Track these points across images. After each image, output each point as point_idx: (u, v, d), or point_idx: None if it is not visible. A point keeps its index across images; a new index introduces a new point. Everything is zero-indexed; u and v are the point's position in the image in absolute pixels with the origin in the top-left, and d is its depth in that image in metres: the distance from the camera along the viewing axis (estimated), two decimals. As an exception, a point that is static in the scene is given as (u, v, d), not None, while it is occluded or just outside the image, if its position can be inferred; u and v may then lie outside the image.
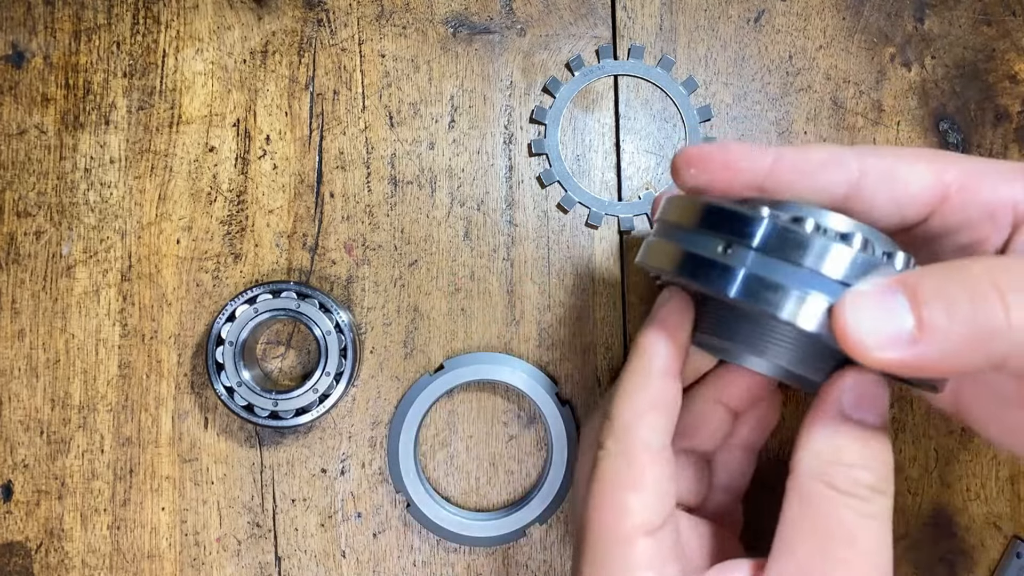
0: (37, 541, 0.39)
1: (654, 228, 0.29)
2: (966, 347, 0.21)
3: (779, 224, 0.24)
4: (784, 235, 0.24)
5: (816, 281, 0.23)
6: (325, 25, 0.41)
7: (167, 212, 0.41)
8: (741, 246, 0.24)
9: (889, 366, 0.22)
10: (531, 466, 0.40)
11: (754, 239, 0.24)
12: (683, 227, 0.26)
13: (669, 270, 0.26)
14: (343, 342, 0.38)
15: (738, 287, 0.24)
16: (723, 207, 0.25)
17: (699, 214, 0.26)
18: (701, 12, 0.42)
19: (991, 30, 0.42)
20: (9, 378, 0.40)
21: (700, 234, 0.25)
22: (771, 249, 0.24)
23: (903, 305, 0.21)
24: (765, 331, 0.26)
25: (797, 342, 0.26)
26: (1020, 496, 0.40)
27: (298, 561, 0.39)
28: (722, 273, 0.24)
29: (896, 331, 0.21)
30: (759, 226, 0.24)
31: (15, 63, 0.41)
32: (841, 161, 0.26)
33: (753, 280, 0.24)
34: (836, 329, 0.22)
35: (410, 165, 0.41)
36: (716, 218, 0.25)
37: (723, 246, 0.24)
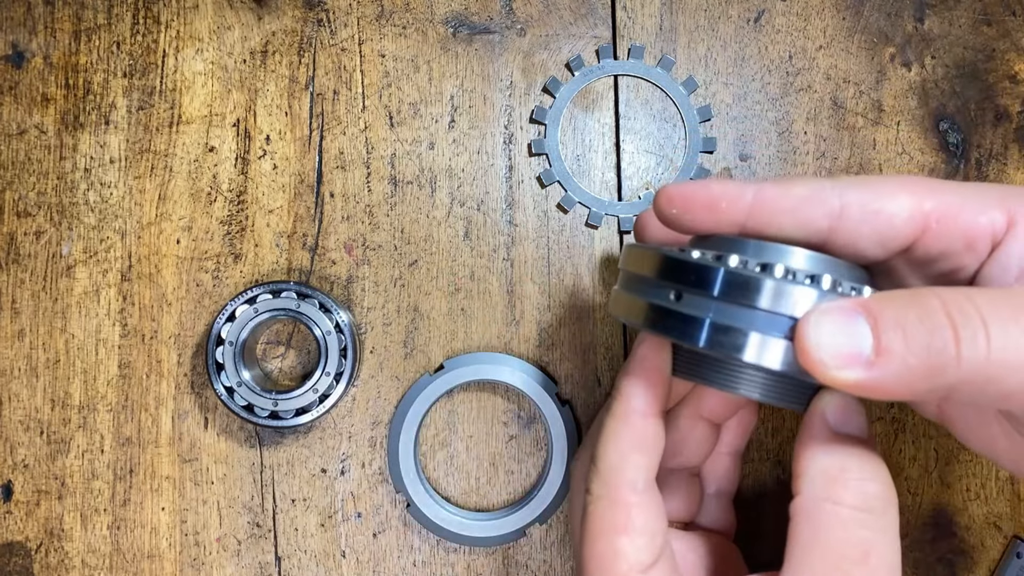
0: (37, 541, 0.39)
1: (619, 277, 0.30)
2: (918, 376, 0.22)
3: (739, 272, 0.24)
4: (745, 282, 0.24)
5: (779, 322, 0.24)
6: (325, 25, 0.41)
7: (167, 212, 0.41)
8: (703, 296, 0.25)
9: (846, 386, 0.22)
10: (531, 466, 0.40)
11: (714, 288, 0.25)
12: (645, 279, 0.27)
13: (638, 323, 0.27)
14: (343, 342, 0.38)
15: (705, 337, 0.25)
16: (681, 259, 0.26)
17: (659, 266, 0.27)
18: (701, 12, 0.42)
19: (991, 30, 0.42)
20: (9, 378, 0.40)
21: (662, 287, 0.26)
22: (733, 297, 0.24)
23: (864, 328, 0.22)
24: (738, 372, 0.27)
25: (769, 379, 0.27)
26: (1020, 496, 0.40)
27: (298, 561, 0.39)
28: (688, 325, 0.25)
29: (856, 352, 0.22)
30: (717, 275, 0.24)
31: (15, 63, 0.41)
32: (821, 197, 0.26)
33: (718, 329, 0.24)
34: (797, 347, 0.23)
35: (410, 165, 0.41)
36: (676, 270, 0.26)
37: (687, 298, 0.25)
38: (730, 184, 0.27)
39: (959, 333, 0.21)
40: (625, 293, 0.28)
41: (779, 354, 0.24)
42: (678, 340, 0.25)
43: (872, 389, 0.22)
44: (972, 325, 0.21)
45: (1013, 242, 0.25)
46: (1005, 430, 0.28)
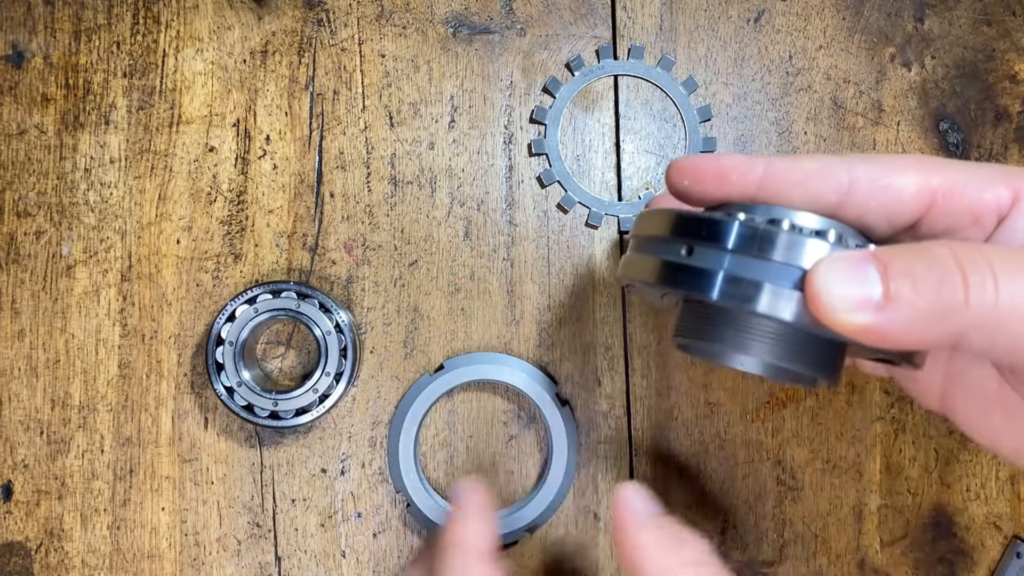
0: (37, 541, 0.39)
1: (629, 244, 0.30)
2: (928, 320, 0.22)
3: (752, 225, 0.25)
4: (758, 234, 0.24)
5: (791, 273, 0.24)
6: (325, 25, 0.41)
7: (167, 212, 0.41)
8: (717, 249, 0.25)
9: (854, 331, 0.22)
10: (531, 466, 0.40)
11: (728, 241, 0.25)
12: (659, 238, 0.27)
13: (649, 280, 0.27)
14: (343, 342, 0.38)
15: (719, 289, 0.25)
16: (696, 215, 0.26)
17: (673, 224, 0.27)
18: (701, 12, 0.42)
19: (991, 30, 0.42)
20: (9, 378, 0.40)
21: (676, 242, 0.26)
22: (746, 249, 0.25)
23: (873, 275, 0.22)
24: (748, 328, 0.27)
25: (780, 335, 0.27)
26: (1020, 496, 0.40)
27: (298, 561, 0.39)
28: (700, 277, 0.25)
29: (864, 297, 0.22)
30: (732, 228, 0.25)
31: (15, 63, 0.41)
32: (831, 171, 0.26)
33: (731, 280, 0.25)
34: (808, 293, 0.23)
35: (410, 165, 0.41)
36: (690, 226, 0.26)
37: (699, 251, 0.25)
38: (741, 157, 0.27)
39: (968, 279, 0.22)
40: (636, 255, 0.28)
41: (791, 305, 0.24)
42: (691, 292, 0.25)
43: (880, 334, 0.22)
44: (981, 272, 0.22)
45: (1018, 217, 0.25)
46: (1008, 415, 0.28)
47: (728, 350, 0.28)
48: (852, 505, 0.40)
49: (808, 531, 0.40)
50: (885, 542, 0.40)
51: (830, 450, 0.40)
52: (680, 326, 0.29)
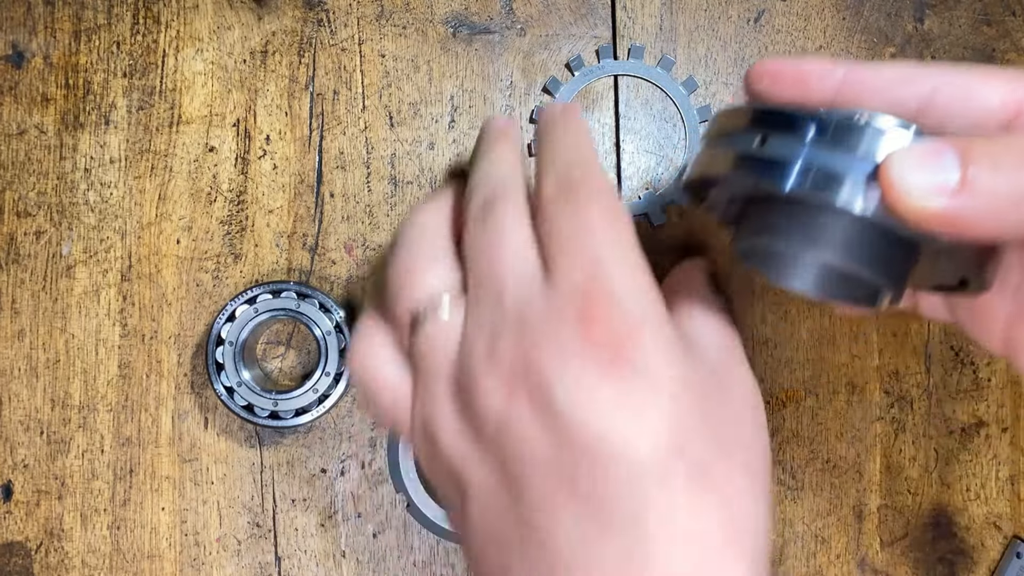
0: (37, 541, 0.39)
1: (701, 145, 0.29)
2: (1005, 205, 0.22)
3: (830, 117, 0.24)
4: (836, 126, 0.24)
5: (868, 166, 0.23)
6: (325, 25, 0.41)
7: (167, 212, 0.41)
8: (793, 140, 0.24)
9: (929, 217, 0.22)
10: (531, 466, 0.40)
11: (805, 132, 0.24)
12: (735, 131, 0.27)
13: (722, 172, 0.26)
14: (343, 342, 0.38)
15: (793, 179, 0.24)
16: (775, 108, 0.25)
17: (751, 117, 0.26)
18: (701, 12, 0.42)
19: (991, 30, 0.42)
20: (9, 378, 0.40)
21: (752, 134, 0.26)
22: (822, 141, 0.24)
23: (951, 162, 0.22)
24: (817, 225, 0.26)
25: (850, 232, 0.26)
26: (1020, 496, 0.40)
27: (298, 561, 0.39)
28: (774, 166, 0.24)
29: (941, 183, 0.22)
30: (809, 120, 0.24)
31: (15, 63, 0.41)
32: (913, 78, 0.26)
33: (805, 170, 0.24)
34: (882, 181, 0.23)
35: (410, 165, 0.41)
36: (766, 117, 0.25)
37: (774, 141, 0.25)
38: (821, 61, 0.27)
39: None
40: (708, 151, 0.28)
41: (865, 197, 0.23)
42: (763, 182, 0.25)
43: (956, 219, 0.22)
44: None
45: None
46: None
47: (793, 251, 0.27)
48: (852, 505, 0.40)
49: (808, 531, 0.40)
50: (885, 542, 0.40)
51: (830, 450, 0.40)
52: (743, 230, 0.28)
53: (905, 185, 0.22)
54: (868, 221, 0.24)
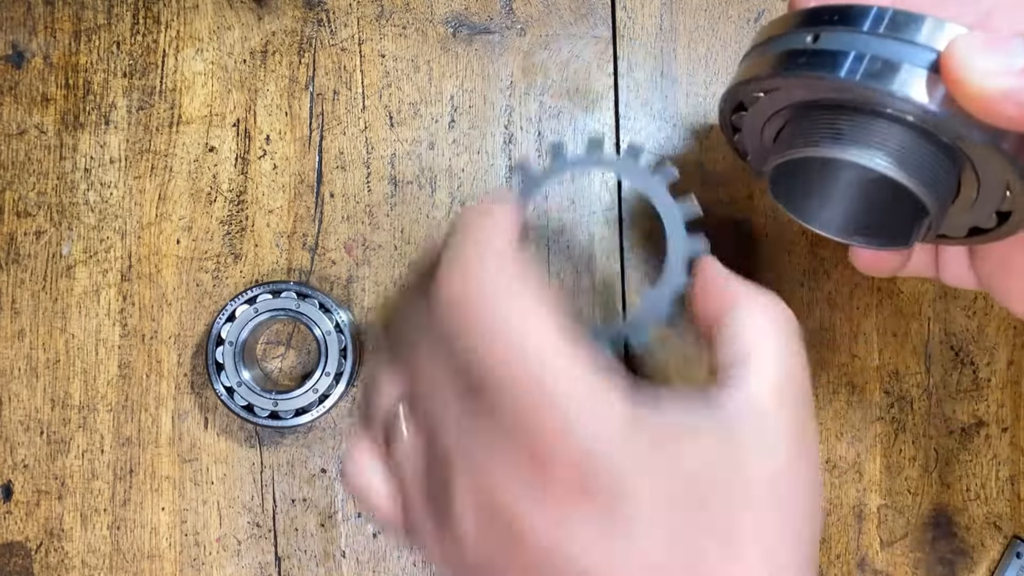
0: (37, 541, 0.39)
1: (747, 54, 0.28)
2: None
3: (886, 8, 0.23)
4: (896, 17, 0.23)
5: (927, 55, 0.23)
6: (325, 25, 0.41)
7: (167, 212, 0.41)
8: (850, 32, 0.23)
9: (995, 95, 0.21)
10: (531, 466, 0.40)
11: (864, 24, 0.23)
12: (780, 34, 0.26)
13: (771, 71, 0.25)
14: (343, 342, 0.38)
15: (848, 66, 0.23)
16: (826, 6, 0.25)
17: (801, 18, 0.25)
18: (701, 12, 0.42)
19: (991, 30, 0.42)
20: (9, 378, 0.40)
21: (803, 32, 0.25)
22: (881, 32, 0.23)
23: (1019, 47, 0.22)
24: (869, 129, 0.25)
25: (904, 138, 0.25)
26: (1020, 496, 0.40)
27: (298, 561, 0.39)
28: (827, 57, 0.23)
29: (1007, 65, 0.21)
30: (867, 12, 0.23)
31: (15, 63, 0.41)
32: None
33: (863, 57, 0.23)
34: (944, 65, 0.22)
35: (410, 165, 0.41)
36: (820, 15, 0.25)
37: (827, 36, 0.24)
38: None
39: None
40: (755, 56, 0.26)
41: (926, 86, 0.22)
42: (817, 73, 0.24)
43: (1019, 98, 0.21)
44: None
45: None
46: None
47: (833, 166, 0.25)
48: (852, 505, 0.40)
49: (808, 531, 0.40)
50: (885, 542, 0.40)
51: (830, 450, 0.40)
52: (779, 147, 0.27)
53: (971, 64, 0.21)
54: (922, 122, 0.23)
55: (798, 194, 0.30)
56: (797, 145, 0.26)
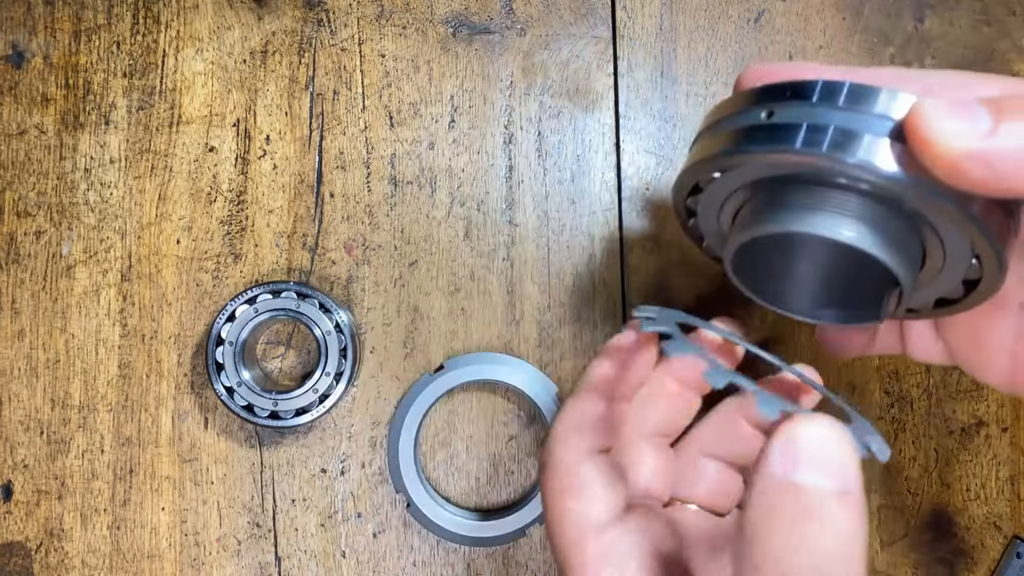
0: (37, 541, 0.39)
1: (698, 137, 0.28)
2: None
3: (838, 81, 0.23)
4: (849, 88, 0.23)
5: (884, 124, 0.22)
6: (325, 25, 0.41)
7: (167, 212, 0.41)
8: (803, 105, 0.23)
9: (960, 156, 0.21)
10: (531, 466, 0.40)
11: (817, 95, 0.23)
12: (731, 114, 0.25)
13: (728, 149, 0.25)
14: (343, 342, 0.38)
15: (802, 137, 0.23)
16: (777, 83, 0.24)
17: (751, 95, 0.25)
18: (701, 12, 0.42)
19: (991, 30, 0.42)
20: (9, 378, 0.40)
21: (752, 111, 0.24)
22: (838, 102, 0.23)
23: (982, 113, 0.22)
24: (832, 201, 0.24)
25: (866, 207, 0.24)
26: (1020, 496, 0.40)
27: (298, 561, 0.39)
28: (781, 131, 0.23)
29: (971, 128, 0.21)
30: (815, 85, 0.23)
31: (15, 63, 0.41)
32: (910, 77, 0.26)
33: (815, 128, 0.23)
34: (908, 126, 0.22)
35: (410, 165, 0.41)
36: (768, 92, 0.24)
37: (781, 111, 0.24)
38: (818, 65, 0.27)
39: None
40: (707, 136, 0.26)
41: (886, 152, 0.22)
42: (777, 146, 0.23)
43: (987, 159, 0.21)
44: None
45: None
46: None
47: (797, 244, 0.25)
48: (852, 505, 0.40)
49: (808, 531, 0.40)
50: (885, 542, 0.40)
51: (830, 450, 0.40)
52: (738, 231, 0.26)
53: (938, 126, 0.22)
54: (886, 190, 0.23)
55: (761, 275, 0.29)
56: (759, 223, 0.25)
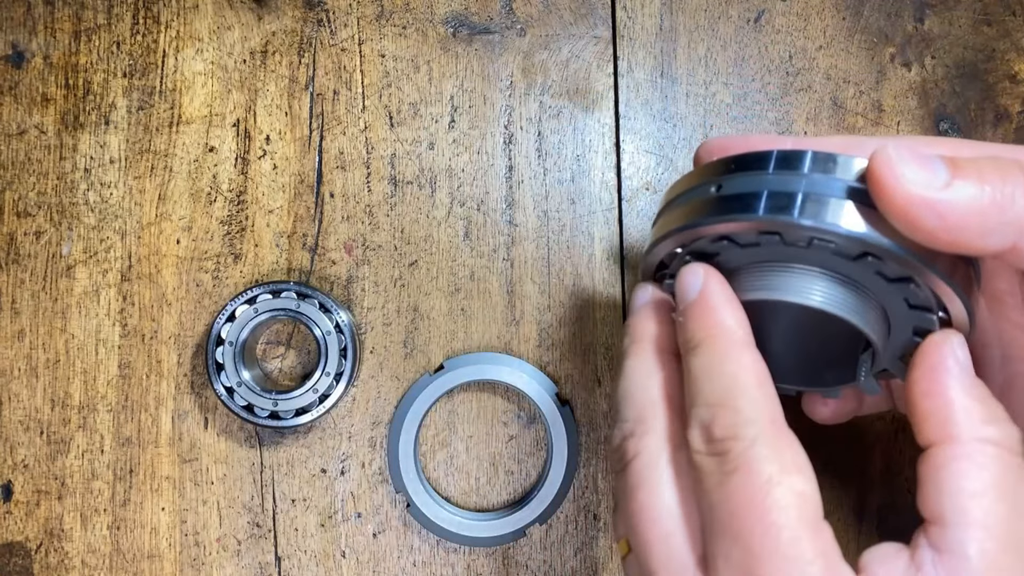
0: (37, 541, 0.39)
1: (659, 218, 0.28)
2: (990, 208, 0.22)
3: (793, 150, 0.24)
4: (799, 155, 0.24)
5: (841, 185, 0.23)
6: (325, 25, 0.41)
7: (167, 212, 0.41)
8: (756, 175, 0.24)
9: (921, 204, 0.22)
10: (531, 466, 0.40)
11: (769, 165, 0.24)
12: (691, 187, 0.26)
13: (686, 221, 0.25)
14: (343, 342, 0.38)
15: (764, 204, 0.23)
16: (730, 156, 0.25)
17: (707, 170, 0.26)
18: (701, 12, 0.42)
19: (991, 30, 0.42)
20: (9, 378, 0.40)
21: (712, 182, 0.25)
22: (799, 170, 0.23)
23: (940, 165, 0.23)
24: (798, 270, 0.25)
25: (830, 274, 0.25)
26: (1020, 496, 0.40)
27: (298, 561, 0.39)
28: (743, 200, 0.24)
29: (931, 179, 0.22)
30: (771, 154, 0.24)
31: (15, 63, 0.41)
32: (860, 145, 0.26)
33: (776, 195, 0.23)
34: (872, 167, 0.22)
35: (410, 165, 0.41)
36: (725, 164, 0.25)
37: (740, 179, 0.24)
38: (769, 135, 0.28)
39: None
40: (667, 213, 0.27)
41: (845, 213, 0.23)
42: (733, 217, 0.24)
43: (943, 212, 0.22)
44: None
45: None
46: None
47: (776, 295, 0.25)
48: (852, 505, 0.40)
49: (808, 531, 0.40)
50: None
51: (830, 450, 0.40)
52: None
53: (898, 170, 0.22)
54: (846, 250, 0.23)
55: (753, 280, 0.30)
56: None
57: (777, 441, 0.23)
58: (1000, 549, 0.22)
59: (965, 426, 0.23)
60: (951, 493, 0.23)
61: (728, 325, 0.25)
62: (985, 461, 0.23)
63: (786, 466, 0.23)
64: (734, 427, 0.24)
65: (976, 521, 0.22)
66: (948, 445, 0.23)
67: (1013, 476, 0.23)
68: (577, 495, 0.40)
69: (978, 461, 0.23)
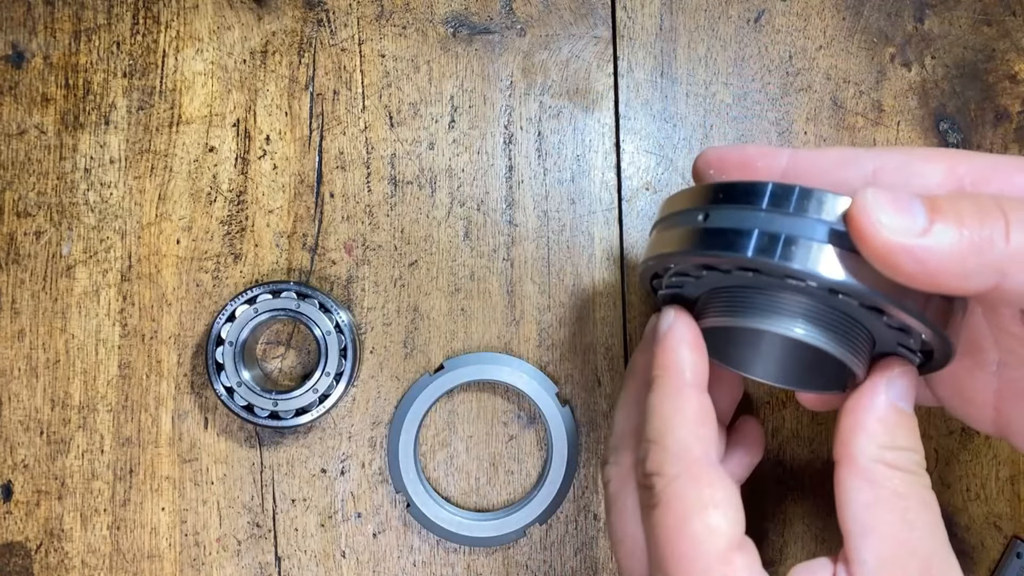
0: (37, 541, 0.39)
1: (654, 229, 0.29)
2: (969, 251, 0.22)
3: (784, 185, 0.24)
4: (791, 192, 0.24)
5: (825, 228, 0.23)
6: (325, 25, 0.41)
7: (167, 212, 0.41)
8: (749, 210, 0.24)
9: (898, 251, 0.22)
10: (531, 466, 0.40)
11: (762, 200, 0.24)
12: (685, 211, 0.27)
13: (682, 250, 0.26)
14: (343, 342, 0.38)
15: (753, 247, 0.24)
16: (724, 182, 0.26)
17: (701, 194, 0.26)
18: (701, 12, 0.42)
19: (991, 30, 0.42)
20: (9, 378, 0.40)
21: (705, 210, 0.26)
22: (784, 209, 0.24)
23: (919, 208, 0.23)
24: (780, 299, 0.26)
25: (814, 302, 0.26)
26: (1020, 496, 0.40)
27: (298, 561, 0.39)
28: (734, 236, 0.24)
29: (909, 224, 0.22)
30: (764, 188, 0.24)
31: (15, 63, 0.41)
32: (857, 159, 0.27)
33: (765, 236, 0.24)
34: (850, 220, 0.23)
35: (410, 165, 0.41)
36: (719, 192, 0.25)
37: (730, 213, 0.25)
38: (766, 147, 0.28)
39: (1009, 217, 0.22)
40: (662, 233, 0.27)
41: (829, 258, 0.23)
42: (723, 253, 0.25)
43: (921, 258, 0.22)
44: (1022, 214, 0.22)
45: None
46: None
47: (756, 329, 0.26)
48: (852, 505, 0.40)
49: (808, 531, 0.40)
50: (885, 542, 0.40)
51: (830, 450, 0.40)
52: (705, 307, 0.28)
53: (875, 218, 0.22)
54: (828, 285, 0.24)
55: (730, 349, 0.31)
56: (715, 315, 0.27)
57: (698, 479, 0.26)
58: (892, 553, 0.24)
59: (864, 447, 0.26)
60: (849, 506, 0.26)
61: (677, 367, 0.27)
62: (878, 478, 0.25)
63: (703, 502, 0.25)
64: (660, 463, 0.26)
65: (870, 529, 0.25)
66: (847, 464, 0.26)
67: (904, 489, 0.25)
68: (577, 495, 0.40)
69: (870, 478, 0.25)
